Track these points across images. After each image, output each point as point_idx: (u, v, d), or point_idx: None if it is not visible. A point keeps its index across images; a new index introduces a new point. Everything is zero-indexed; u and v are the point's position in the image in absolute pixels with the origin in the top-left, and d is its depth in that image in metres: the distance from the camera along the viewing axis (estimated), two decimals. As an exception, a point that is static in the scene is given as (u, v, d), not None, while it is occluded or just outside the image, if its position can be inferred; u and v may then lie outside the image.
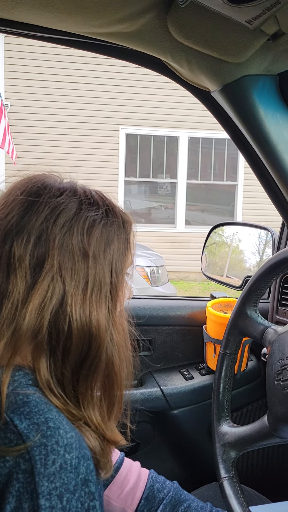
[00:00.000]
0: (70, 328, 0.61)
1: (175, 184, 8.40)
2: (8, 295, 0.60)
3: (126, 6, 0.77)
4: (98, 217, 0.66)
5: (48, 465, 0.51)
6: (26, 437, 0.52)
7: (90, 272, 0.63)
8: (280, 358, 0.81)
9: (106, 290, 0.65)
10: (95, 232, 0.65)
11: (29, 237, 0.62)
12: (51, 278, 0.61)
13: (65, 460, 0.53)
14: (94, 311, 0.63)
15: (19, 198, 0.65)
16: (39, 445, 0.52)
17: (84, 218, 0.64)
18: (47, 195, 0.65)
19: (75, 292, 0.62)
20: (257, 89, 0.97)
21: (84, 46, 0.98)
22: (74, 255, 0.63)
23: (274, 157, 1.04)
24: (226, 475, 0.88)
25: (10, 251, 0.61)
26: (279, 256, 0.87)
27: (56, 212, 0.63)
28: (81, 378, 0.63)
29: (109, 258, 0.66)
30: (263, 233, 1.50)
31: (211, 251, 1.67)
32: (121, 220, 0.69)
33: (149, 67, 1.04)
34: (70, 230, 0.63)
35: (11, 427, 0.53)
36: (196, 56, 0.90)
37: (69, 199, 0.65)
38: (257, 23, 0.76)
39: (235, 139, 1.15)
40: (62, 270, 0.61)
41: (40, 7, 0.76)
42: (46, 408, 0.57)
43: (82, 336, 0.62)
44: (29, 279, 0.61)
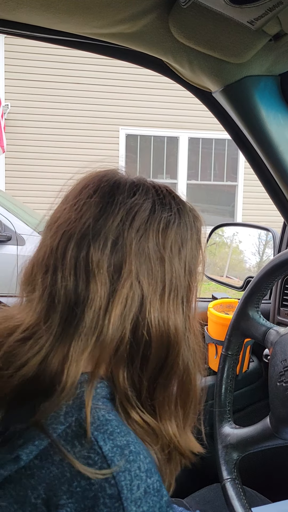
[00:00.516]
0: (149, 335, 0.59)
1: (175, 185, 8.40)
2: (90, 302, 0.58)
3: (128, 6, 0.77)
4: (172, 217, 0.64)
5: (133, 491, 0.51)
6: (111, 461, 0.51)
7: (167, 276, 0.61)
8: (282, 359, 0.81)
9: (182, 293, 0.63)
10: (170, 234, 0.63)
11: (106, 241, 0.59)
12: (130, 285, 0.59)
13: (147, 484, 0.52)
14: (172, 316, 0.61)
15: (92, 199, 0.62)
16: (124, 471, 0.51)
17: (159, 220, 0.62)
18: (120, 196, 0.62)
19: (153, 298, 0.60)
20: (258, 89, 0.97)
21: (85, 47, 0.98)
22: (150, 259, 0.61)
23: (276, 158, 1.04)
24: (228, 477, 0.88)
25: (87, 256, 0.59)
26: (281, 257, 0.87)
27: (131, 214, 0.61)
28: (158, 386, 0.61)
29: (184, 260, 0.64)
30: (263, 234, 1.50)
31: (211, 251, 1.67)
32: (192, 219, 0.67)
33: (151, 68, 1.04)
34: (145, 233, 0.61)
35: (95, 447, 0.52)
36: (197, 56, 0.90)
37: (142, 199, 0.63)
38: (259, 23, 0.76)
39: (237, 140, 1.15)
40: (139, 276, 0.59)
41: (41, 8, 0.76)
42: (126, 429, 0.56)
43: (161, 343, 0.60)
44: (109, 286, 0.58)
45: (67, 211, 0.62)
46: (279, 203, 1.20)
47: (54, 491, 0.50)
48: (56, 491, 0.50)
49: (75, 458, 0.51)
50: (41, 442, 0.53)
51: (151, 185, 0.66)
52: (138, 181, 0.66)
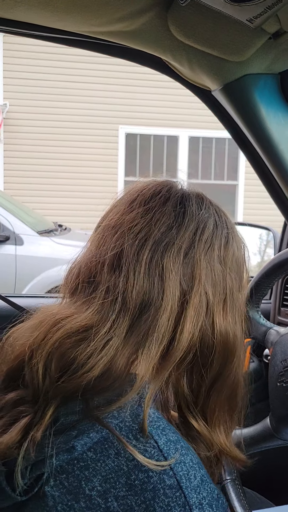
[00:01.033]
0: (214, 343, 0.62)
1: (175, 184, 8.40)
2: (163, 309, 0.60)
3: (126, 4, 0.76)
4: (230, 235, 0.67)
5: (191, 479, 0.54)
6: (167, 454, 0.54)
7: (227, 288, 0.64)
8: (282, 359, 0.81)
9: (239, 305, 0.66)
10: (230, 249, 0.66)
11: (179, 250, 0.62)
12: (199, 295, 0.61)
13: (202, 474, 0.56)
14: (232, 326, 0.64)
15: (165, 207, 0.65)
16: (180, 462, 0.54)
17: (221, 235, 0.66)
18: (190, 208, 0.66)
19: (218, 307, 0.63)
20: (258, 88, 0.96)
21: (84, 45, 0.97)
22: (214, 271, 0.63)
23: (276, 156, 1.04)
24: (228, 478, 0.88)
25: (162, 263, 0.61)
26: (281, 256, 0.86)
27: (201, 227, 0.64)
28: (214, 393, 0.64)
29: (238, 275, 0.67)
30: (264, 233, 1.50)
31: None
32: (240, 238, 0.71)
33: (150, 66, 1.04)
34: (211, 247, 0.64)
35: (151, 441, 0.54)
36: (197, 55, 0.89)
37: (207, 213, 0.67)
38: (258, 21, 0.75)
39: (237, 138, 1.15)
40: (206, 286, 0.62)
41: (39, 6, 0.76)
42: (172, 427, 0.58)
43: (223, 350, 0.63)
44: (180, 295, 0.61)
45: (139, 215, 0.64)
46: (280, 202, 1.20)
47: (112, 484, 0.52)
48: (115, 484, 0.52)
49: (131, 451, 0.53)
50: (96, 435, 0.54)
51: (209, 201, 0.70)
52: (201, 196, 0.70)
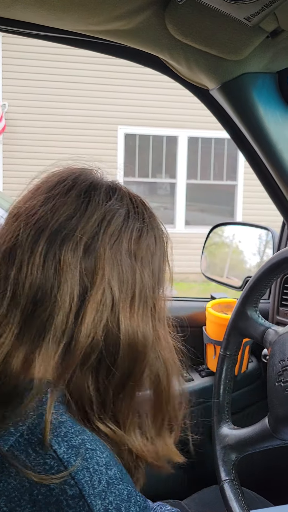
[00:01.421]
0: (119, 342, 0.58)
1: (175, 184, 8.40)
2: (59, 304, 0.56)
3: (124, 3, 0.76)
4: (145, 228, 0.63)
5: (95, 485, 0.51)
6: (67, 462, 0.51)
7: (137, 285, 0.61)
8: (281, 359, 0.80)
9: (151, 304, 0.63)
10: (143, 244, 0.62)
11: (79, 242, 0.58)
12: (102, 290, 0.57)
13: (109, 476, 0.53)
14: (141, 325, 0.60)
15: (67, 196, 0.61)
16: (82, 469, 0.51)
17: (132, 228, 0.62)
18: (97, 197, 0.61)
19: (124, 305, 0.59)
20: (256, 87, 0.96)
21: (81, 44, 0.97)
22: (122, 266, 0.60)
23: (274, 156, 1.03)
24: (226, 478, 0.88)
25: (58, 256, 0.57)
26: (279, 256, 0.86)
27: (107, 219, 0.60)
28: (124, 396, 0.60)
29: (153, 271, 0.63)
30: (263, 233, 1.49)
31: (211, 251, 1.66)
32: (161, 232, 0.67)
33: (147, 65, 1.03)
34: (119, 240, 0.60)
35: (50, 452, 0.51)
36: (194, 53, 0.89)
37: (118, 204, 0.62)
38: (255, 20, 0.75)
39: (235, 138, 1.14)
40: (111, 282, 0.58)
41: (36, 4, 0.76)
42: (80, 428, 0.55)
43: (129, 351, 0.59)
44: (80, 290, 0.57)
45: (39, 204, 0.60)
46: (278, 201, 1.19)
47: (17, 502, 0.50)
48: (19, 502, 0.50)
49: (32, 466, 0.51)
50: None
51: (126, 192, 0.65)
52: (114, 185, 0.65)
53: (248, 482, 0.97)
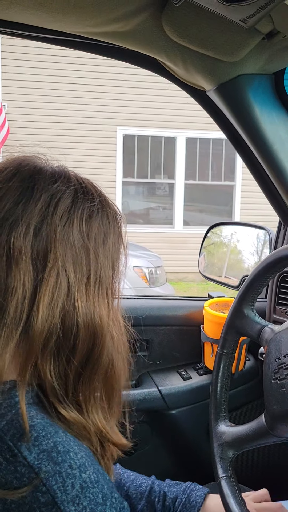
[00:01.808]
0: (77, 325, 0.57)
1: (173, 185, 8.41)
2: (12, 291, 0.55)
3: (121, 5, 0.77)
4: (95, 208, 0.62)
5: (68, 491, 0.49)
6: (38, 469, 0.49)
7: (92, 266, 0.60)
8: (277, 357, 0.81)
9: (107, 285, 0.62)
10: (94, 224, 0.61)
11: (28, 227, 0.56)
12: (56, 273, 0.56)
13: (83, 480, 0.51)
14: (97, 306, 0.60)
15: (11, 183, 0.59)
16: (53, 474, 0.49)
17: (82, 209, 0.60)
18: (42, 181, 0.60)
19: (80, 287, 0.58)
20: (252, 88, 0.97)
21: (79, 46, 0.98)
22: (75, 247, 0.59)
23: (270, 156, 1.04)
24: (224, 475, 0.88)
25: (8, 243, 0.56)
26: (275, 255, 0.87)
27: (54, 200, 0.59)
28: (84, 379, 0.59)
29: (108, 251, 0.62)
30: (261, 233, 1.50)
31: (209, 251, 1.67)
32: (113, 212, 0.65)
33: (145, 67, 1.04)
34: (69, 221, 0.59)
35: (20, 459, 0.50)
36: (191, 55, 0.90)
37: (65, 186, 0.61)
38: (251, 22, 0.76)
39: (231, 139, 1.15)
40: (65, 264, 0.57)
41: (34, 6, 0.76)
42: (53, 430, 0.53)
43: (87, 333, 0.58)
44: (34, 274, 0.56)
45: None
46: (274, 201, 1.20)
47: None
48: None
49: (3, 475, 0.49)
50: None
51: (73, 174, 0.64)
52: (60, 169, 0.64)
53: (246, 478, 0.97)
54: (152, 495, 0.92)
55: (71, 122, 7.70)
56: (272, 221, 1.37)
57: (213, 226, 1.59)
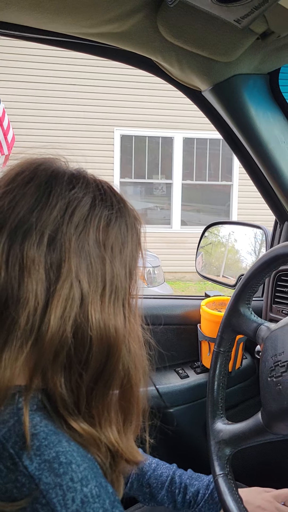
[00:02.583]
0: (90, 337, 0.55)
1: (171, 185, 8.41)
2: (24, 302, 0.53)
3: (116, 6, 0.77)
4: (113, 215, 0.59)
5: (68, 505, 0.48)
6: (39, 480, 0.48)
7: (108, 277, 0.57)
8: (272, 354, 0.81)
9: (123, 295, 0.59)
10: (111, 233, 0.59)
11: (42, 236, 0.54)
12: (70, 284, 0.54)
13: (84, 494, 0.49)
14: (112, 318, 0.57)
15: (27, 188, 0.57)
16: (54, 487, 0.48)
17: (99, 217, 0.58)
18: (58, 187, 0.57)
19: (94, 298, 0.56)
20: (247, 88, 0.98)
21: (75, 47, 0.98)
22: (90, 257, 0.56)
23: (266, 156, 1.05)
24: (221, 472, 0.89)
25: (21, 252, 0.54)
26: (270, 254, 0.87)
27: (70, 208, 0.56)
28: (98, 393, 0.57)
29: (125, 261, 0.60)
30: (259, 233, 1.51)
31: (207, 251, 1.68)
32: (133, 219, 0.63)
33: (140, 67, 1.04)
34: (85, 230, 0.56)
35: (20, 468, 0.48)
36: (186, 55, 0.90)
37: (82, 192, 0.58)
38: (245, 22, 0.76)
39: (227, 138, 1.16)
40: (79, 275, 0.55)
41: (29, 7, 0.77)
42: (56, 439, 0.51)
43: (101, 346, 0.56)
44: (46, 285, 0.54)
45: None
46: (270, 200, 1.21)
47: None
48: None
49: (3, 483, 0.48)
50: None
51: (92, 179, 0.62)
52: (78, 173, 0.61)
53: (243, 476, 0.98)
54: (173, 486, 0.93)
55: (69, 123, 7.70)
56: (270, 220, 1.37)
57: (209, 226, 1.60)
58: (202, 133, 7.99)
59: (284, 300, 1.23)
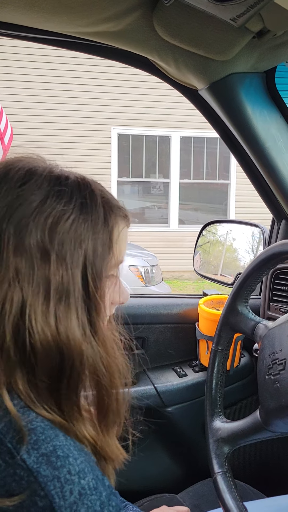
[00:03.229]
0: (32, 342, 0.53)
1: (168, 184, 8.41)
2: None
3: (112, 5, 0.77)
4: (67, 211, 0.56)
5: (66, 497, 0.49)
6: (37, 473, 0.49)
7: (53, 278, 0.54)
8: (270, 352, 0.81)
9: (78, 298, 0.56)
10: (60, 230, 0.55)
11: None
12: (7, 286, 0.52)
13: (82, 486, 0.50)
14: (62, 323, 0.54)
15: None
16: (52, 479, 0.49)
17: (48, 214, 0.55)
18: (6, 185, 0.56)
19: (35, 301, 0.53)
20: (244, 86, 0.98)
21: (71, 46, 0.98)
22: (32, 257, 0.54)
23: (263, 154, 1.05)
24: (219, 470, 0.89)
25: None
26: (267, 252, 0.87)
27: (14, 206, 0.54)
28: (62, 395, 0.56)
29: (81, 260, 0.56)
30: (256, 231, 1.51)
31: (205, 250, 1.68)
32: (102, 215, 0.59)
33: (137, 66, 1.04)
34: (27, 228, 0.54)
35: (19, 462, 0.49)
36: (182, 54, 0.90)
37: (32, 189, 0.56)
38: (241, 20, 0.76)
39: (224, 137, 1.16)
40: (19, 275, 0.53)
41: (25, 7, 0.77)
42: (53, 433, 0.52)
43: (49, 352, 0.54)
44: None
45: None
46: (267, 199, 1.21)
47: None
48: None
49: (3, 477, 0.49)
50: None
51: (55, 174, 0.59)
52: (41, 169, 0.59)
53: (241, 474, 0.98)
54: None
55: (65, 122, 7.69)
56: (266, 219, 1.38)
57: (207, 225, 1.60)
58: (199, 131, 7.99)
59: (282, 298, 1.23)
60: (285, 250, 0.83)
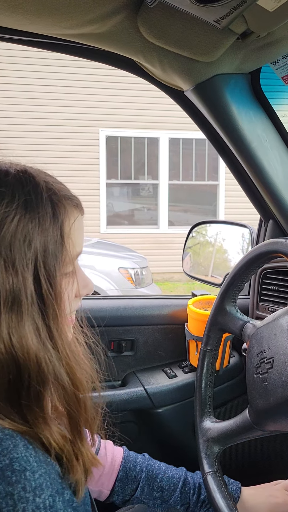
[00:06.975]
0: None
1: (157, 185, 8.43)
2: None
3: (96, 7, 0.77)
4: (10, 212, 0.52)
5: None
6: None
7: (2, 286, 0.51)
8: (258, 351, 0.82)
9: (31, 304, 0.53)
10: (6, 233, 0.52)
11: None
12: None
13: (36, 505, 0.47)
14: (15, 333, 0.51)
15: None
16: (5, 496, 0.46)
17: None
18: None
19: None
20: (229, 87, 0.98)
21: (56, 48, 0.98)
22: None
23: (249, 155, 1.06)
24: (209, 470, 0.89)
25: None
26: (254, 251, 0.88)
27: None
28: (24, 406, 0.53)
29: (31, 263, 0.53)
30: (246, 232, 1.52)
31: (194, 251, 1.68)
32: (49, 209, 0.55)
33: (122, 68, 1.05)
34: None
35: None
36: (167, 56, 0.90)
37: None
38: (225, 22, 0.77)
39: (210, 138, 1.16)
40: None
41: (9, 9, 0.76)
42: (11, 444, 0.49)
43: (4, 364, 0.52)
44: None
45: None
46: (254, 199, 1.22)
47: None
48: None
49: None
50: None
51: None
52: None
53: (231, 473, 0.98)
54: (186, 487, 0.92)
55: (53, 125, 7.67)
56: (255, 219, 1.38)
57: (195, 226, 1.60)
58: (188, 133, 8.02)
59: (270, 297, 1.24)
60: (272, 250, 0.84)
